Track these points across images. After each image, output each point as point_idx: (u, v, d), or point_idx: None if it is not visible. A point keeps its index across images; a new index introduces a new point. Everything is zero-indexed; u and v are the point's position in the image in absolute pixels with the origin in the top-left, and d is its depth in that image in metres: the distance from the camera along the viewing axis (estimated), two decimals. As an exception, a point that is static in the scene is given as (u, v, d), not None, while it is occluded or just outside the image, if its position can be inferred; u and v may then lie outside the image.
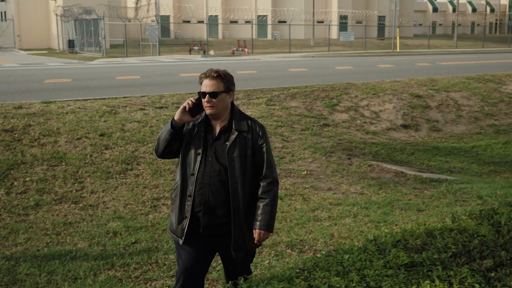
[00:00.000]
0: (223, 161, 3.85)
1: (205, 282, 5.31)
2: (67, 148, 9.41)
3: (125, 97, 12.82)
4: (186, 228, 3.88)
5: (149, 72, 21.56)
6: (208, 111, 3.86)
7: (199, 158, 3.87)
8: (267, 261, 5.90)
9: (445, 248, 3.34)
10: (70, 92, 14.33)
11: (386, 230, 3.75)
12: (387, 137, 13.19)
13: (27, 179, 8.38)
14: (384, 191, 8.84)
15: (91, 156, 9.24)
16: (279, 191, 4.26)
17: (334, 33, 52.00)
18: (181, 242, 3.91)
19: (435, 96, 16.12)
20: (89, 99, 12.49)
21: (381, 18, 62.44)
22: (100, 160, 9.15)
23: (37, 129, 9.89)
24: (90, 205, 7.80)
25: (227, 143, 3.87)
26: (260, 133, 3.97)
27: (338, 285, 2.82)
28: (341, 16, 58.22)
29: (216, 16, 57.25)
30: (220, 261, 5.80)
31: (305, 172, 9.62)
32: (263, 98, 13.71)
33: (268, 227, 3.93)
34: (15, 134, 9.63)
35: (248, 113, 12.35)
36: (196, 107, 3.85)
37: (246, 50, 38.29)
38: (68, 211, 7.58)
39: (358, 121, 13.75)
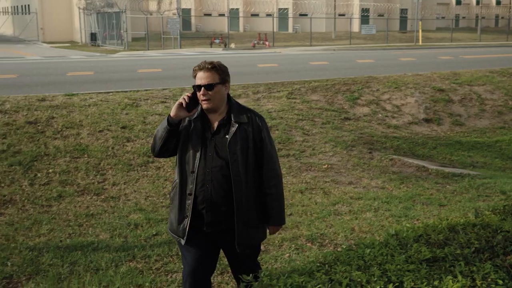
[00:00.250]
0: (224, 155, 3.73)
1: (225, 275, 5.35)
2: (89, 141, 9.50)
3: (146, 90, 12.89)
4: (187, 227, 3.78)
5: (170, 65, 21.64)
6: (204, 105, 3.74)
7: (198, 154, 3.75)
8: (287, 254, 5.90)
9: (468, 243, 3.31)
10: (93, 85, 14.45)
11: (407, 225, 3.73)
12: (409, 131, 13.09)
13: (50, 170, 8.48)
14: (406, 186, 8.77)
15: (113, 148, 9.32)
16: (300, 185, 4.24)
17: (355, 26, 51.67)
18: (183, 242, 3.82)
19: (458, 90, 15.94)
20: (111, 92, 12.59)
21: (403, 11, 61.85)
22: (121, 153, 9.22)
23: (60, 121, 10.00)
24: (111, 197, 7.87)
25: (227, 136, 3.75)
26: (261, 125, 3.86)
27: (359, 279, 2.80)
28: (362, 9, 57.79)
29: (237, 9, 57.25)
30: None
31: (325, 166, 9.59)
32: (284, 92, 13.68)
33: (280, 221, 3.95)
34: (38, 126, 9.74)
35: (269, 106, 12.34)
36: (192, 101, 3.73)
37: (267, 43, 38.21)
38: (90, 202, 7.66)
39: (380, 115, 13.65)
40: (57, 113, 10.31)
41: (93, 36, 40.21)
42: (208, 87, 3.69)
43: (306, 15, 50.54)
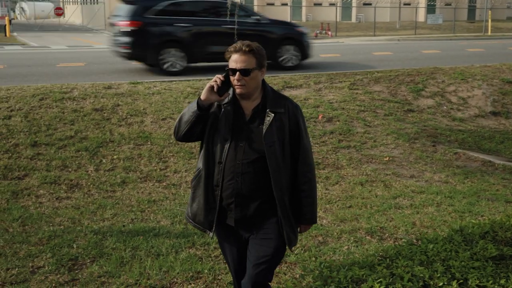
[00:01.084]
0: (259, 147, 3.42)
1: (283, 266, 5.35)
2: (152, 128, 9.69)
3: (208, 79, 13.00)
4: (215, 219, 3.58)
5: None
6: (238, 90, 3.45)
7: (227, 144, 3.45)
8: (346, 246, 5.85)
9: (537, 242, 3.18)
10: (157, 74, 14.70)
11: (473, 221, 3.62)
12: (475, 124, 12.69)
13: (115, 157, 8.71)
14: (470, 181, 8.53)
15: (175, 136, 9.46)
16: (360, 177, 4.14)
17: (421, 15, 50.44)
18: (211, 234, 3.63)
19: (529, 82, 15.30)
20: (174, 81, 12.78)
21: (471, 0, 59.91)
22: (183, 141, 9.34)
23: (125, 108, 10.24)
24: (173, 184, 8.01)
25: (262, 126, 3.43)
26: (297, 114, 3.55)
27: (421, 275, 2.74)
28: (429, -2, 56.32)
29: (300, -2, 56.93)
30: (298, 245, 5.81)
31: (387, 158, 9.43)
32: (346, 82, 13.52)
33: (312, 220, 3.69)
34: (104, 113, 10.01)
35: (330, 97, 12.23)
36: (224, 84, 3.44)
37: (329, 33, 37.83)
38: (152, 189, 7.82)
39: (445, 107, 13.30)
40: (122, 100, 10.57)
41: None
42: (244, 72, 3.41)
43: (370, 4, 49.72)
